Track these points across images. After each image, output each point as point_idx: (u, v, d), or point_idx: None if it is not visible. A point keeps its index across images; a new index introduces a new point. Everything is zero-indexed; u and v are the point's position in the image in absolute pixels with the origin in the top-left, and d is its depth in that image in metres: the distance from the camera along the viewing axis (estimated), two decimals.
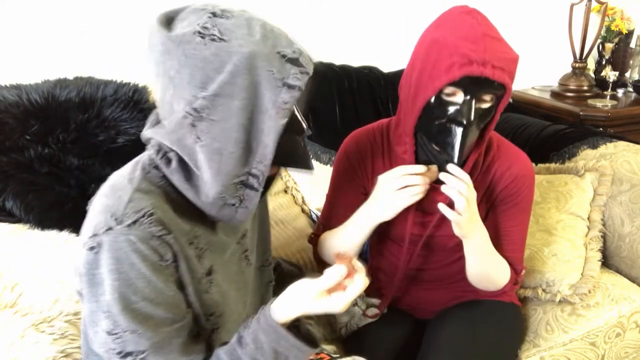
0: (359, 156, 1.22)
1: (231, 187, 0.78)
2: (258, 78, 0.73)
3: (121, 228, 0.74)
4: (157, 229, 0.76)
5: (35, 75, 1.40)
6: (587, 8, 2.21)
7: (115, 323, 0.76)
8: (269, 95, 0.74)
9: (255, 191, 0.80)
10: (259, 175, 0.79)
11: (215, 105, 0.73)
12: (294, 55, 0.75)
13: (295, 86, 0.74)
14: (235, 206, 0.81)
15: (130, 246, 0.74)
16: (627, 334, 1.41)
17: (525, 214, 1.21)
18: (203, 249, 0.86)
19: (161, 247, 0.77)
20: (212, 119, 0.74)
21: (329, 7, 1.95)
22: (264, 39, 0.74)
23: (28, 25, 1.53)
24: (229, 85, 0.72)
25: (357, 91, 1.82)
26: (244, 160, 0.77)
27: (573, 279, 1.41)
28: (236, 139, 0.75)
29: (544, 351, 1.33)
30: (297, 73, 0.75)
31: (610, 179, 1.56)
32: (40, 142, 1.30)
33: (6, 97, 1.31)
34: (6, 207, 1.25)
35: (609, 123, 2.08)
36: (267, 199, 1.10)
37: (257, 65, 0.72)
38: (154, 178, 0.81)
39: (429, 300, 1.31)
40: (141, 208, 0.76)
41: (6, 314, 1.16)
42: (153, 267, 0.76)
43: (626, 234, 1.52)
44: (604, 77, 2.30)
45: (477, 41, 0.95)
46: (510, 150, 1.19)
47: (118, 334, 0.77)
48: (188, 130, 0.75)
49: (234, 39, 0.72)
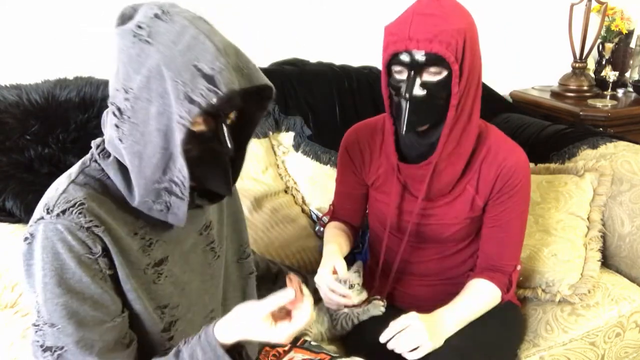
0: (358, 149, 1.27)
1: (153, 192, 0.78)
2: (167, 87, 0.72)
3: (50, 217, 0.76)
4: (86, 219, 0.76)
5: (35, 75, 1.40)
6: (587, 8, 2.21)
7: (38, 314, 0.77)
8: (175, 106, 0.72)
9: (180, 200, 0.78)
10: (179, 184, 0.77)
11: (136, 109, 0.74)
12: (210, 71, 0.71)
13: (196, 102, 0.71)
14: (164, 212, 0.81)
15: (57, 235, 0.75)
16: (627, 334, 1.41)
17: (520, 207, 1.21)
18: (152, 240, 0.85)
19: (89, 239, 0.77)
20: (133, 122, 0.75)
21: (329, 7, 1.95)
22: (186, 50, 0.71)
23: (28, 25, 1.53)
24: (145, 90, 0.73)
25: (357, 91, 1.82)
26: (164, 166, 0.76)
27: (573, 279, 1.41)
28: (155, 145, 0.74)
29: (544, 351, 1.33)
30: (204, 89, 0.71)
31: (610, 179, 1.56)
32: (40, 142, 1.31)
33: (6, 97, 1.31)
34: (6, 207, 1.26)
35: (609, 123, 2.08)
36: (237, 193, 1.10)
37: (166, 74, 0.71)
38: (93, 171, 0.82)
39: (427, 297, 1.31)
40: (72, 198, 0.77)
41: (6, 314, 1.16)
42: (79, 260, 0.76)
43: (626, 234, 1.52)
44: (604, 77, 2.30)
45: (405, 21, 1.04)
46: (505, 144, 1.21)
47: (39, 326, 0.77)
48: (115, 131, 0.77)
49: (157, 43, 0.72)
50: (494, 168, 1.17)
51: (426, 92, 1.05)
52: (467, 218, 1.22)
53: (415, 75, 1.05)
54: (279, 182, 1.67)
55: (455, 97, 1.06)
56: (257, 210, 1.57)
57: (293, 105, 1.73)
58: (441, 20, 1.02)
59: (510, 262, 1.22)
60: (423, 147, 1.14)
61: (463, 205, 1.21)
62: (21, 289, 1.20)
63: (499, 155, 1.17)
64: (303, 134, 1.72)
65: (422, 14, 1.03)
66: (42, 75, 1.41)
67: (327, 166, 1.71)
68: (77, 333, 0.77)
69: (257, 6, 1.84)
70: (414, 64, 1.03)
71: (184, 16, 0.74)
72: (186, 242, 0.92)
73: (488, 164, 1.18)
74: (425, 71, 1.05)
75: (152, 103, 0.73)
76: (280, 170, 1.70)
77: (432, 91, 1.06)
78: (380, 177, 1.26)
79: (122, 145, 0.77)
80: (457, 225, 1.22)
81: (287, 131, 1.74)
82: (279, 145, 1.73)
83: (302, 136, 1.72)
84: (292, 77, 1.75)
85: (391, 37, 1.05)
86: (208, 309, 0.97)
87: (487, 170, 1.18)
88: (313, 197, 1.67)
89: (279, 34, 1.89)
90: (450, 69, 1.04)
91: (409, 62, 1.04)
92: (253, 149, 1.64)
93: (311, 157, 1.72)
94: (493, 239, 1.22)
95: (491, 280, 1.20)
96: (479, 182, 1.19)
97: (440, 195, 1.20)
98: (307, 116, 1.74)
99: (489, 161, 1.18)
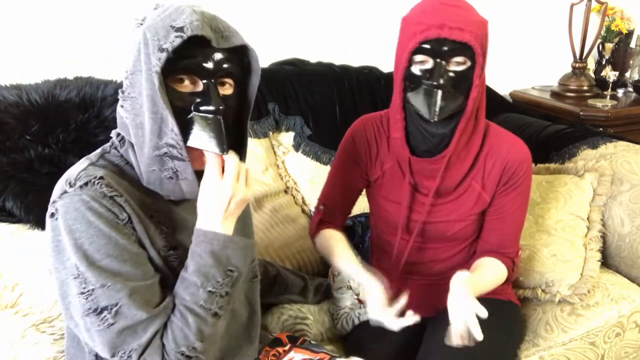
0: (365, 140, 1.26)
1: (157, 159, 0.82)
2: (149, 49, 0.77)
3: (74, 190, 0.79)
4: (109, 189, 0.80)
5: (35, 75, 1.40)
6: (587, 8, 2.21)
7: (85, 281, 0.78)
8: (154, 62, 0.77)
9: (182, 161, 0.82)
10: (175, 145, 0.80)
11: (133, 83, 0.80)
12: (182, 24, 0.77)
13: (164, 49, 0.76)
14: (174, 180, 0.84)
15: (84, 205, 0.78)
16: (626, 334, 1.41)
17: (523, 197, 1.23)
18: (167, 226, 0.88)
19: (114, 207, 0.80)
20: (132, 97, 0.81)
21: (330, 8, 1.95)
22: (167, 16, 0.79)
23: (28, 25, 1.53)
24: (137, 62, 0.79)
25: (357, 91, 1.82)
26: (158, 130, 0.80)
27: (572, 279, 1.41)
28: (147, 110, 0.79)
29: (544, 351, 1.33)
30: (173, 38, 0.76)
31: (610, 179, 1.56)
32: (40, 142, 1.31)
33: (6, 97, 1.31)
34: (6, 207, 1.25)
35: (609, 123, 2.08)
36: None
37: (147, 37, 0.77)
38: (112, 157, 0.87)
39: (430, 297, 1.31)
40: (93, 174, 0.81)
41: (6, 314, 1.16)
42: (110, 224, 0.79)
43: (626, 234, 1.52)
44: (604, 77, 2.30)
45: (434, 10, 1.04)
46: (507, 138, 1.22)
47: (89, 291, 0.78)
48: (122, 112, 0.83)
49: (147, 20, 0.80)
50: (498, 162, 1.18)
51: (451, 81, 1.06)
52: (473, 215, 1.22)
53: (441, 63, 1.05)
54: (279, 182, 1.67)
55: (475, 89, 1.07)
56: (257, 210, 1.57)
57: (293, 105, 1.73)
58: (468, 12, 1.05)
59: (512, 249, 1.24)
60: (435, 139, 1.13)
61: (469, 202, 1.21)
62: (21, 289, 1.20)
63: (503, 149, 1.19)
64: (303, 134, 1.72)
65: (449, 4, 1.04)
66: (42, 75, 1.40)
67: (327, 166, 1.70)
68: (127, 288, 0.79)
69: (258, 6, 1.84)
70: (443, 52, 1.04)
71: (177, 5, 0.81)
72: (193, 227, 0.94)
73: (492, 159, 1.19)
74: (451, 61, 1.05)
75: (141, 72, 0.78)
76: (280, 170, 1.70)
77: (456, 81, 1.06)
78: (385, 174, 1.25)
79: (128, 120, 0.82)
80: (462, 222, 1.23)
81: (287, 131, 1.73)
82: (279, 145, 1.73)
83: (302, 136, 1.72)
84: (292, 77, 1.75)
85: (419, 25, 1.04)
86: None
87: (492, 164, 1.19)
88: (313, 197, 1.67)
89: (279, 34, 1.89)
90: (474, 60, 1.05)
91: (438, 51, 1.04)
92: (253, 149, 1.64)
93: (311, 157, 1.72)
94: (495, 229, 1.23)
95: (498, 260, 1.22)
96: (484, 177, 1.20)
97: (446, 192, 1.21)
98: (307, 116, 1.74)
99: (493, 156, 1.19)
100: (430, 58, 1.05)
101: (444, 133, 1.13)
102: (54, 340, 1.15)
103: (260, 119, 1.68)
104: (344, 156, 1.28)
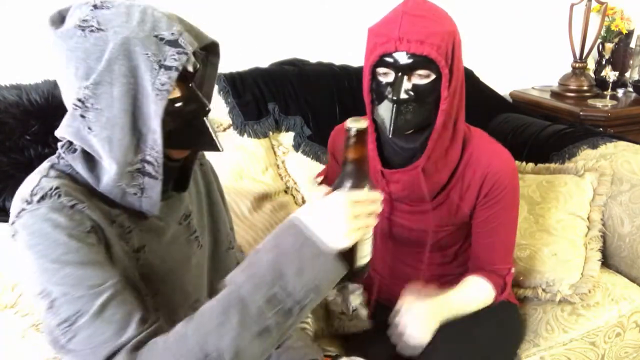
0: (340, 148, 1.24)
1: (127, 175, 0.78)
2: (136, 62, 0.74)
3: (32, 206, 0.75)
4: (67, 198, 0.76)
5: (35, 75, 1.40)
6: (587, 8, 2.21)
7: (48, 295, 0.73)
8: (148, 78, 0.74)
9: (154, 179, 0.79)
10: (153, 162, 0.78)
11: (97, 94, 0.75)
12: (172, 37, 0.75)
13: (172, 67, 0.75)
14: (137, 196, 0.80)
15: (41, 217, 0.74)
16: (627, 334, 1.41)
17: (509, 213, 1.18)
18: (130, 228, 0.84)
19: (76, 215, 0.76)
20: (97, 108, 0.75)
21: (330, 7, 1.95)
22: (140, 24, 0.75)
23: (28, 25, 1.53)
24: (107, 73, 0.74)
25: (357, 91, 1.80)
26: (135, 147, 0.77)
27: (573, 279, 1.41)
28: (122, 126, 0.75)
29: (544, 351, 1.33)
30: (174, 54, 0.75)
31: (610, 179, 1.56)
32: (40, 142, 1.30)
33: (6, 97, 1.31)
34: (6, 207, 1.25)
35: (609, 123, 2.08)
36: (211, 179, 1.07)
37: (132, 50, 0.74)
38: (62, 167, 0.83)
39: None
40: (48, 186, 0.77)
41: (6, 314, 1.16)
42: (69, 234, 0.74)
43: (626, 234, 1.52)
44: (604, 77, 2.30)
45: (395, 21, 1.00)
46: (489, 146, 1.17)
47: (53, 305, 0.73)
48: (80, 122, 0.77)
49: (111, 27, 0.74)
50: (478, 173, 1.14)
51: (414, 95, 1.03)
52: (451, 225, 1.21)
53: (403, 77, 1.01)
54: (279, 182, 1.67)
55: (444, 101, 1.03)
56: (257, 210, 1.57)
57: (293, 105, 1.73)
58: (431, 22, 1.00)
59: (503, 265, 1.21)
60: (407, 153, 1.12)
61: (446, 213, 1.19)
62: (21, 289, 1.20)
63: (482, 160, 1.14)
64: (303, 134, 1.72)
65: (412, 14, 1.00)
66: (42, 75, 1.40)
67: None
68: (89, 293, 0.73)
69: (257, 6, 1.84)
70: (403, 66, 1.00)
71: (120, 2, 0.77)
72: (166, 233, 0.91)
73: (472, 170, 1.15)
74: (413, 74, 1.02)
75: (113, 85, 0.74)
76: (280, 170, 1.70)
77: (419, 95, 1.03)
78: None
79: (92, 133, 0.77)
80: (440, 232, 1.21)
81: (287, 131, 1.73)
82: (279, 145, 1.73)
83: (302, 136, 1.72)
84: (292, 77, 1.75)
85: (379, 38, 1.01)
86: (192, 299, 0.96)
87: (472, 175, 1.15)
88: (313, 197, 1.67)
89: (279, 34, 1.89)
90: (439, 73, 1.01)
91: (398, 64, 1.00)
92: (253, 149, 1.64)
93: (311, 157, 1.72)
94: (482, 243, 1.20)
95: (486, 279, 1.19)
96: (463, 189, 1.17)
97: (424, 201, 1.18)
98: (307, 116, 1.74)
99: (473, 166, 1.15)
100: (391, 71, 1.02)
101: (415, 147, 1.10)
102: None
103: (260, 119, 1.68)
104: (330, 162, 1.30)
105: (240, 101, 1.67)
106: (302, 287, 0.70)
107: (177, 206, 0.94)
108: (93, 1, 0.77)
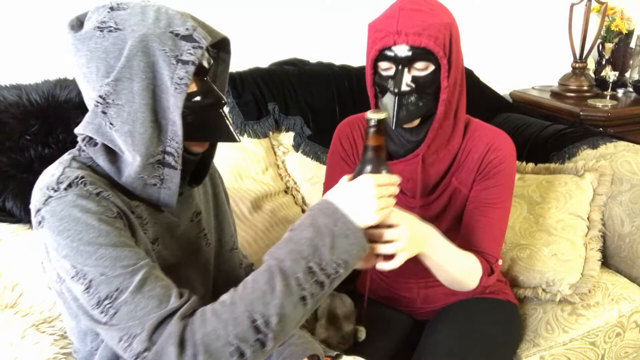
0: (352, 140, 1.26)
1: (149, 167, 0.81)
2: (153, 58, 0.77)
3: (59, 193, 0.77)
4: (93, 187, 0.79)
5: (35, 75, 1.40)
6: (587, 8, 2.21)
7: (84, 277, 0.75)
8: (166, 73, 0.77)
9: (174, 169, 0.82)
10: (173, 153, 0.81)
11: (118, 90, 0.77)
12: (187, 32, 0.78)
13: (189, 61, 0.77)
14: (157, 187, 0.83)
15: (70, 203, 0.76)
16: (627, 334, 1.41)
17: (503, 194, 1.16)
18: (147, 220, 0.87)
19: (103, 201, 0.79)
20: (118, 104, 0.78)
21: (330, 7, 1.96)
22: (156, 21, 0.78)
23: (28, 25, 1.53)
24: (127, 69, 0.77)
25: (357, 91, 1.82)
26: (156, 139, 0.80)
27: (573, 279, 1.41)
28: (143, 120, 0.78)
29: (544, 350, 1.33)
30: (190, 49, 0.78)
31: (610, 179, 1.56)
32: (40, 142, 1.30)
33: (6, 97, 1.31)
34: (6, 207, 1.26)
35: (609, 123, 2.08)
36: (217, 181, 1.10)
37: (150, 46, 0.77)
38: (83, 159, 0.86)
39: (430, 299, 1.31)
40: (73, 175, 0.79)
41: (6, 314, 1.16)
42: (99, 219, 0.77)
43: (626, 234, 1.52)
44: (604, 77, 2.30)
45: (392, 16, 1.04)
46: (489, 130, 1.19)
47: (90, 285, 0.75)
48: (102, 118, 0.80)
49: (128, 26, 0.77)
50: (477, 153, 1.16)
51: (415, 86, 1.05)
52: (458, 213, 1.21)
53: (403, 70, 1.04)
54: (279, 183, 1.67)
55: (444, 91, 1.06)
56: (257, 210, 1.57)
57: (293, 105, 1.73)
58: (428, 15, 1.03)
59: (490, 252, 1.16)
60: (411, 145, 1.14)
61: (451, 200, 1.20)
62: (21, 289, 1.20)
63: (484, 138, 1.17)
64: (303, 134, 1.73)
65: (409, 9, 1.03)
66: (42, 75, 1.40)
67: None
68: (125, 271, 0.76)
69: (257, 6, 1.84)
70: (403, 58, 1.03)
71: (133, 2, 0.81)
72: (179, 228, 0.95)
73: (473, 150, 1.17)
74: (413, 66, 1.05)
75: (133, 81, 0.77)
76: (280, 171, 1.70)
77: (420, 86, 1.06)
78: None
79: (114, 129, 0.79)
80: (448, 221, 1.21)
81: (287, 131, 1.74)
82: (279, 146, 1.73)
83: (302, 136, 1.72)
84: (292, 77, 1.75)
85: (378, 33, 1.04)
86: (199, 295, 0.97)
87: (471, 157, 1.17)
88: (313, 197, 1.67)
89: (278, 34, 1.89)
90: (438, 64, 1.04)
91: (397, 57, 1.03)
92: (253, 149, 1.64)
93: (311, 157, 1.72)
94: (472, 222, 1.17)
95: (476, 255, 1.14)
96: (463, 171, 1.18)
97: (429, 192, 1.20)
98: (307, 116, 1.74)
99: (472, 149, 1.17)
100: (392, 65, 1.05)
101: (419, 140, 1.13)
102: (54, 340, 1.15)
103: (260, 119, 1.68)
104: (334, 159, 1.28)
105: (240, 101, 1.67)
106: (333, 261, 0.79)
107: (190, 203, 0.98)
108: (109, 3, 0.80)
